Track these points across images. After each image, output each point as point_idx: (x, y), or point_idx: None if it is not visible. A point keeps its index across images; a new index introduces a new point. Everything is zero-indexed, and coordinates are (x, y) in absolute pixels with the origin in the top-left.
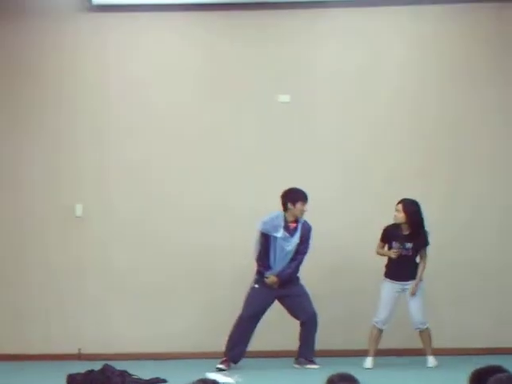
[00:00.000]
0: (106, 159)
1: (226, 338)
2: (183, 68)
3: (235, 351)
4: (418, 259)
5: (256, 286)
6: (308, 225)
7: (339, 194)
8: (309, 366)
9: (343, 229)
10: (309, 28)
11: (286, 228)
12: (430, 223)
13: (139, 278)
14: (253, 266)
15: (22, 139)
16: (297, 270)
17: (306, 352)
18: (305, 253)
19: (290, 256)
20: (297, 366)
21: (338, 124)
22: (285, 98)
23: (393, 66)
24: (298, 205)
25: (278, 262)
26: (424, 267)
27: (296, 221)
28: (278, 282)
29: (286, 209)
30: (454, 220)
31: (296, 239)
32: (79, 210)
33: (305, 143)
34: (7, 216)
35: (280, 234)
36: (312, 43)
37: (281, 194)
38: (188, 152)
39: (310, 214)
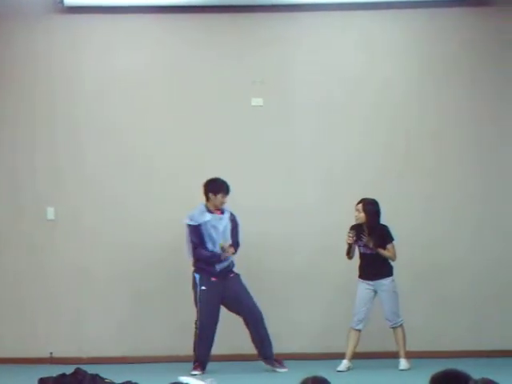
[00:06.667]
0: (80, 161)
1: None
2: (156, 70)
3: (203, 357)
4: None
5: (203, 288)
6: (234, 215)
7: (316, 199)
8: (279, 370)
9: (321, 234)
10: (284, 31)
11: (211, 212)
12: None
13: (111, 281)
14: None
15: None
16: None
17: (267, 351)
18: (238, 245)
19: (227, 236)
20: (268, 366)
21: (314, 128)
22: (258, 101)
23: (374, 66)
24: (219, 196)
25: (218, 243)
26: (390, 255)
27: (219, 210)
28: (232, 249)
29: (207, 198)
30: (436, 223)
31: (226, 220)
32: (51, 213)
33: (279, 147)
34: None
35: (208, 217)
36: (286, 46)
37: (204, 182)
38: (163, 154)
39: (290, 216)
